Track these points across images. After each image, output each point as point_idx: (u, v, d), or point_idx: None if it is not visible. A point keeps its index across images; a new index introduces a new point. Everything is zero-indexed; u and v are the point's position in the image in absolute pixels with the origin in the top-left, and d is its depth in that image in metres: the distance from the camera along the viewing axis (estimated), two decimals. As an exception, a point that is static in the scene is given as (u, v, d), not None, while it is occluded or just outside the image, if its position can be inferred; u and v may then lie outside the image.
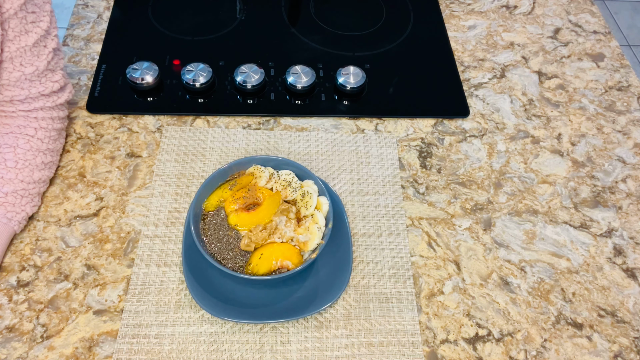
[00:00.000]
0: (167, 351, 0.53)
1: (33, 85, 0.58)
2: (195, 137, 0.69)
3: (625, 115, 0.76)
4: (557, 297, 0.59)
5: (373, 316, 0.56)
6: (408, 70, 0.79)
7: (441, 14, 0.87)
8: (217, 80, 0.74)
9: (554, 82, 0.79)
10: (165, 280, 0.57)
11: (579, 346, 0.56)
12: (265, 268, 0.52)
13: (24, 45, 0.56)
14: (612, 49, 0.84)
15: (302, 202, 0.56)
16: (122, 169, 0.65)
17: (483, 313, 0.57)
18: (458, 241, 0.62)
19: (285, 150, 0.68)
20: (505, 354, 0.55)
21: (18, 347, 0.52)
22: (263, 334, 0.54)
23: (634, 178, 0.69)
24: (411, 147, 0.70)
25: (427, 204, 0.65)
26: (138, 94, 0.72)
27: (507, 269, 0.60)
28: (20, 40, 0.56)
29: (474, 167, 0.68)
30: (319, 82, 0.75)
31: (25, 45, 0.56)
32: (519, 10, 0.89)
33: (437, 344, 0.55)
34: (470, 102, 0.75)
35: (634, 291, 0.60)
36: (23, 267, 0.57)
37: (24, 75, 0.57)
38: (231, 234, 0.54)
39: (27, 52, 0.56)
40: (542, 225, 0.64)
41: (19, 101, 0.58)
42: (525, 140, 0.72)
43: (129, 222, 0.61)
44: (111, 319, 0.54)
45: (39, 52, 0.58)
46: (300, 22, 0.84)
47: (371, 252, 0.60)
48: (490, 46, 0.83)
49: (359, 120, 0.72)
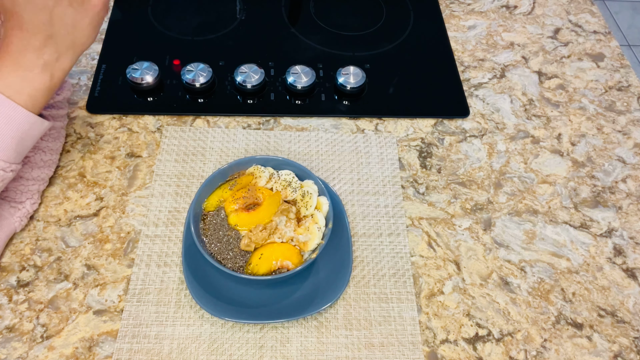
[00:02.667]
0: (167, 351, 0.53)
1: None
2: (195, 137, 0.69)
3: (625, 115, 0.76)
4: (557, 297, 0.59)
5: (373, 316, 0.56)
6: (408, 70, 0.79)
7: (441, 14, 0.87)
8: (217, 80, 0.74)
9: (554, 82, 0.79)
10: (165, 280, 0.57)
11: (579, 346, 0.56)
12: (265, 268, 0.52)
13: None
14: (612, 49, 0.84)
15: (302, 202, 0.56)
16: (122, 169, 0.65)
17: (483, 313, 0.57)
18: (458, 241, 0.62)
19: (285, 150, 0.68)
20: (505, 354, 0.55)
21: (18, 347, 0.52)
22: (263, 334, 0.54)
23: (634, 178, 0.69)
24: (411, 147, 0.70)
25: (427, 204, 0.65)
26: (138, 94, 0.72)
27: (507, 269, 0.60)
28: None
29: (474, 167, 0.69)
30: (319, 82, 0.75)
31: None
32: (519, 10, 0.89)
33: (437, 344, 0.55)
34: (470, 102, 0.75)
35: (634, 291, 0.60)
36: (23, 267, 0.57)
37: None
38: (231, 234, 0.54)
39: None
40: (542, 225, 0.64)
41: None
42: (525, 140, 0.72)
43: (129, 222, 0.61)
44: (111, 319, 0.54)
45: None
46: (300, 22, 0.84)
47: (371, 252, 0.60)
48: (490, 46, 0.83)
49: (359, 120, 0.72)
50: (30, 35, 0.49)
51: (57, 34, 0.50)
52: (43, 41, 0.50)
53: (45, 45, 0.50)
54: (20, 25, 0.49)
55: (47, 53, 0.50)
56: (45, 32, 0.49)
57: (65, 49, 0.51)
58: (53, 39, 0.50)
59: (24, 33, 0.49)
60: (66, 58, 0.52)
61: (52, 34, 0.50)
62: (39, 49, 0.50)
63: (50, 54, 0.51)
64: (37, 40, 0.49)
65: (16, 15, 0.49)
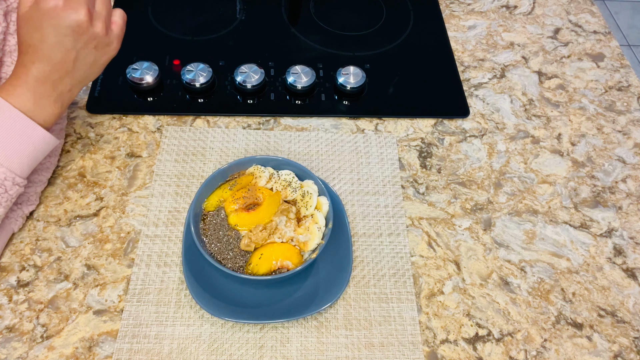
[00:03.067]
0: (167, 351, 0.53)
1: None
2: (195, 137, 0.69)
3: (625, 115, 0.76)
4: (557, 297, 0.59)
5: (373, 316, 0.56)
6: (408, 70, 0.79)
7: (441, 14, 0.87)
8: (217, 80, 0.74)
9: (554, 82, 0.79)
10: (165, 280, 0.57)
11: (579, 346, 0.56)
12: (265, 268, 0.52)
13: None
14: (612, 49, 0.84)
15: (302, 202, 0.56)
16: (122, 169, 0.65)
17: (483, 313, 0.57)
18: (458, 241, 0.62)
19: (285, 150, 0.68)
20: (505, 354, 0.55)
21: (18, 347, 0.52)
22: (263, 334, 0.54)
23: (634, 178, 0.69)
24: (411, 147, 0.70)
25: (427, 204, 0.65)
26: (138, 94, 0.72)
27: (507, 269, 0.60)
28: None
29: (474, 167, 0.69)
30: (319, 82, 0.75)
31: None
32: (519, 10, 0.89)
33: (437, 344, 0.55)
34: (470, 102, 0.75)
35: (634, 291, 0.60)
36: (23, 267, 0.57)
37: None
38: (231, 234, 0.54)
39: None
40: (542, 225, 0.64)
41: None
42: (525, 140, 0.72)
43: (129, 222, 0.61)
44: (111, 319, 0.54)
45: None
46: (300, 22, 0.84)
47: (371, 252, 0.60)
48: (490, 46, 0.83)
49: (359, 120, 0.72)
50: (51, 70, 0.52)
51: (76, 70, 0.53)
52: (62, 76, 0.53)
53: (62, 79, 0.53)
54: (42, 60, 0.51)
55: (62, 85, 0.53)
56: (67, 69, 0.53)
57: (78, 82, 0.55)
58: (71, 74, 0.53)
59: (46, 67, 0.51)
60: (76, 89, 0.55)
61: (71, 71, 0.53)
62: (56, 82, 0.53)
63: (64, 86, 0.53)
64: (57, 74, 0.52)
65: (40, 52, 0.51)
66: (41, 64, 0.51)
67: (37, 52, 0.51)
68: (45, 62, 0.51)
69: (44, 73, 0.51)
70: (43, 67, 0.51)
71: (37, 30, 0.50)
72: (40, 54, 0.51)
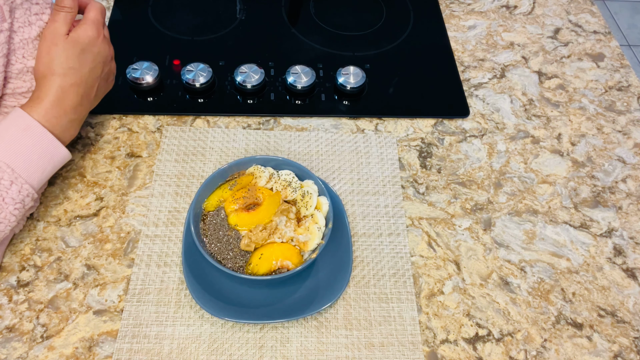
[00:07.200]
0: (167, 351, 0.53)
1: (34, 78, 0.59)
2: (195, 137, 0.69)
3: (625, 115, 0.76)
4: (557, 297, 0.59)
5: (373, 316, 0.56)
6: (408, 70, 0.79)
7: (441, 14, 0.87)
8: (217, 80, 0.74)
9: (554, 82, 0.79)
10: (165, 280, 0.57)
11: (579, 346, 0.56)
12: (265, 268, 0.52)
13: (27, 37, 0.56)
14: (612, 49, 0.84)
15: (302, 202, 0.56)
16: (122, 169, 0.65)
17: (483, 313, 0.57)
18: (458, 241, 0.62)
19: (285, 150, 0.68)
20: (505, 354, 0.55)
21: (18, 347, 0.52)
22: (263, 334, 0.54)
23: (634, 178, 0.69)
24: (411, 147, 0.70)
25: (427, 204, 0.65)
26: (138, 94, 0.72)
27: (507, 269, 0.60)
28: (24, 32, 0.56)
29: (474, 167, 0.69)
30: (319, 82, 0.75)
31: (28, 38, 0.56)
32: (519, 10, 0.89)
33: (437, 344, 0.55)
34: (470, 102, 0.75)
35: (634, 291, 0.60)
36: (23, 267, 0.57)
37: (26, 67, 0.57)
38: (231, 234, 0.54)
39: (29, 45, 0.56)
40: (542, 225, 0.64)
41: (20, 94, 0.58)
42: (525, 140, 0.72)
43: (129, 222, 0.61)
44: (111, 319, 0.54)
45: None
46: (300, 22, 0.84)
47: (371, 252, 0.60)
48: (490, 46, 0.83)
49: (359, 120, 0.72)
50: (83, 95, 0.56)
51: (95, 97, 0.59)
52: (89, 101, 0.58)
53: (87, 104, 0.58)
54: (81, 85, 0.56)
55: (85, 110, 0.58)
56: (91, 95, 0.58)
57: (87, 111, 0.59)
58: (91, 100, 0.58)
59: (81, 91, 0.56)
60: (84, 115, 0.59)
61: (93, 97, 0.58)
62: (85, 106, 0.57)
63: (86, 111, 0.58)
64: (87, 99, 0.57)
65: (79, 76, 0.55)
66: (80, 88, 0.55)
67: (77, 76, 0.55)
68: (82, 87, 0.55)
69: (79, 96, 0.55)
70: (79, 91, 0.55)
71: (80, 55, 0.55)
72: (79, 79, 0.55)
